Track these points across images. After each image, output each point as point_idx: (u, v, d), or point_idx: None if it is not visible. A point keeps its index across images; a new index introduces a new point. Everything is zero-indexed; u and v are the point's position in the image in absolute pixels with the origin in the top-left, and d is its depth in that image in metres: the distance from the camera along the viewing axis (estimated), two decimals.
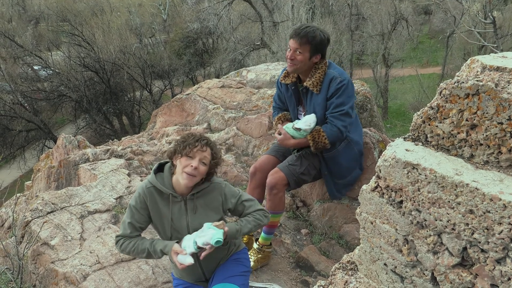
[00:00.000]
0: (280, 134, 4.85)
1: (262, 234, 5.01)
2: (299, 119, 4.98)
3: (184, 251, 3.27)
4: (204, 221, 3.41)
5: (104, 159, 7.37)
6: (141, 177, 6.62)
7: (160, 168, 3.61)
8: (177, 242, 3.39)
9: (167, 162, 3.61)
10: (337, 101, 4.60)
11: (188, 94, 9.91)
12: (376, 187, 2.33)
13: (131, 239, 3.46)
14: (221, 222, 3.38)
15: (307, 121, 4.69)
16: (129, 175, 6.58)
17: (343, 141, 4.90)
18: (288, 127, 4.80)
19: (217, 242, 3.21)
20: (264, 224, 3.69)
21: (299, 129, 4.70)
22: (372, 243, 2.44)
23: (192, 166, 3.33)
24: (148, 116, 31.84)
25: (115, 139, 11.72)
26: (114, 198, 5.89)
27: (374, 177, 2.33)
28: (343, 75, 4.64)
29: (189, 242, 3.30)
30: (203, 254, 3.31)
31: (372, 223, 2.39)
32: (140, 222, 3.48)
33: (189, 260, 3.24)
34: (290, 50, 4.66)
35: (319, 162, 5.01)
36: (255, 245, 5.02)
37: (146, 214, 3.48)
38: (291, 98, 5.04)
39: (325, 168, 5.02)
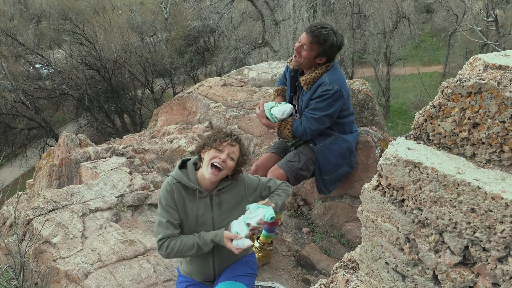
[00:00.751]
0: (260, 109, 5.06)
1: (263, 232, 5.01)
2: (292, 103, 5.11)
3: (239, 235, 3.30)
4: (229, 217, 3.50)
5: (105, 158, 7.37)
6: (142, 175, 6.62)
7: (183, 165, 3.63)
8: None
9: (189, 159, 3.66)
10: (316, 104, 4.65)
11: (189, 93, 9.91)
12: (377, 186, 2.32)
13: (176, 239, 3.42)
14: (267, 200, 3.45)
15: (281, 110, 4.90)
16: (130, 173, 6.58)
17: (331, 136, 4.93)
18: (268, 106, 4.98)
19: (272, 218, 3.29)
20: (290, 193, 3.87)
21: (272, 114, 4.91)
22: (374, 241, 2.44)
23: (220, 158, 3.38)
24: (150, 115, 31.87)
25: (116, 138, 11.72)
26: (115, 196, 5.90)
27: (375, 176, 2.33)
28: (333, 84, 4.59)
29: (241, 226, 3.34)
30: (251, 233, 3.36)
31: (373, 222, 2.39)
32: (176, 219, 3.46)
33: (248, 242, 3.28)
34: (300, 42, 4.66)
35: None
36: (256, 243, 5.03)
37: (177, 210, 3.48)
38: (289, 83, 5.10)
39: (316, 162, 5.05)
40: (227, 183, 3.54)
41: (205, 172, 3.41)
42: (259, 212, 3.31)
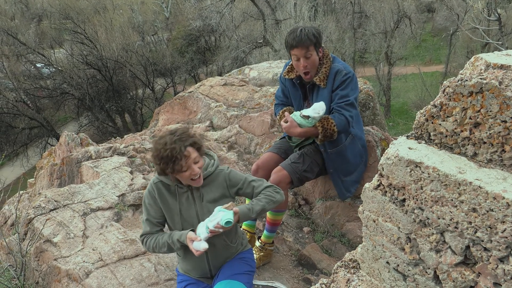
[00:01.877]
0: (286, 122, 4.69)
1: (265, 232, 5.02)
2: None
3: (199, 238, 3.31)
4: (212, 208, 3.43)
5: (106, 157, 7.38)
6: (143, 174, 6.62)
7: None
8: (192, 230, 3.43)
9: None
10: (342, 92, 4.65)
11: (190, 92, 9.91)
12: (378, 185, 2.32)
13: (152, 236, 3.53)
14: (230, 203, 3.40)
15: (316, 109, 4.59)
16: (131, 172, 6.58)
17: (348, 136, 4.94)
18: (296, 114, 4.68)
19: (227, 222, 3.25)
20: (277, 200, 3.67)
21: (307, 117, 4.59)
22: (375, 241, 2.44)
23: (193, 172, 3.34)
24: (151, 114, 31.83)
25: (117, 137, 11.72)
26: (116, 196, 5.90)
27: (376, 175, 2.33)
28: (347, 68, 4.72)
29: (202, 229, 3.34)
30: (210, 235, 3.34)
31: (374, 221, 2.39)
32: (157, 218, 3.56)
33: (204, 246, 3.29)
34: (298, 59, 4.67)
35: (321, 158, 5.02)
36: (257, 243, 5.03)
37: (159, 208, 3.54)
38: (296, 92, 5.05)
39: (331, 165, 5.02)
40: (206, 174, 3.54)
41: (192, 185, 3.49)
42: (218, 216, 3.30)
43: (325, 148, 4.94)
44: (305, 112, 4.61)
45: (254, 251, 4.94)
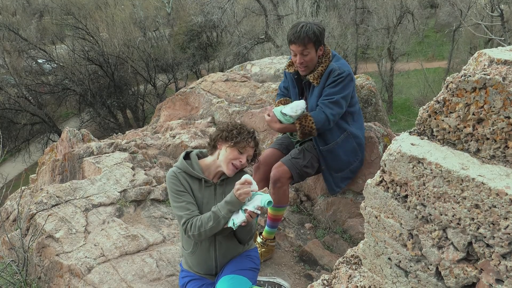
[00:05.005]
0: (269, 116, 4.86)
1: (266, 228, 5.02)
2: None
3: (249, 179, 3.37)
4: None
5: (108, 153, 7.38)
6: (145, 170, 6.62)
7: (186, 156, 3.75)
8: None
9: (192, 151, 3.78)
10: (329, 90, 4.67)
11: (192, 88, 9.90)
12: (381, 182, 2.32)
13: (196, 217, 3.47)
14: (265, 188, 3.52)
15: (293, 107, 4.68)
16: (133, 168, 6.58)
17: (343, 133, 4.94)
18: (277, 110, 4.78)
19: (269, 202, 3.28)
20: None
21: (285, 114, 4.69)
22: (377, 237, 2.44)
23: (241, 161, 3.55)
24: (152, 110, 31.84)
25: (119, 133, 11.72)
26: (118, 192, 5.90)
27: (379, 172, 2.32)
28: (343, 68, 4.69)
29: (237, 213, 3.39)
30: (246, 220, 3.34)
31: (376, 218, 2.39)
32: (191, 200, 3.55)
33: (242, 218, 3.34)
34: (295, 55, 4.69)
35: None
36: (258, 239, 5.03)
37: (188, 193, 3.57)
38: (294, 88, 5.11)
39: (323, 162, 5.05)
40: None
41: (224, 168, 3.57)
42: (256, 198, 3.33)
43: (318, 145, 4.98)
44: (284, 109, 4.71)
45: None
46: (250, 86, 8.90)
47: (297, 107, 4.66)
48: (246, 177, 3.34)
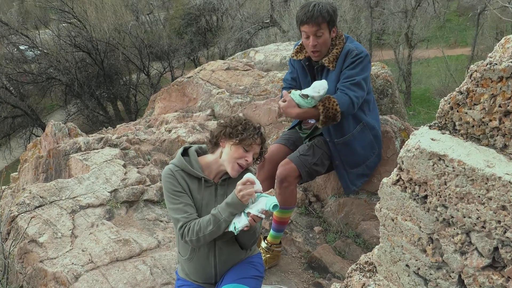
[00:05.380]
0: (285, 101, 4.67)
1: (271, 231, 5.02)
2: None
3: (251, 178, 3.32)
4: None
5: (97, 149, 7.39)
6: (138, 168, 6.64)
7: (184, 153, 3.70)
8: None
9: (190, 147, 3.75)
10: (349, 72, 4.65)
11: (189, 77, 9.92)
12: (397, 181, 2.32)
13: (194, 220, 3.42)
14: (271, 190, 3.51)
15: (316, 87, 4.54)
16: (124, 166, 6.60)
17: (358, 124, 4.94)
18: (295, 94, 4.64)
19: (275, 206, 3.23)
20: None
21: (306, 96, 4.54)
22: (393, 242, 2.44)
23: (247, 160, 3.53)
24: (146, 102, 31.76)
25: (109, 127, 11.75)
26: (108, 192, 5.91)
27: (395, 169, 2.32)
28: (360, 48, 4.71)
29: (239, 217, 3.35)
30: (248, 225, 3.30)
31: (393, 220, 2.39)
32: (190, 201, 3.51)
33: (244, 222, 3.30)
34: (307, 37, 4.67)
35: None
36: (263, 244, 5.03)
37: (186, 194, 3.53)
38: (305, 76, 5.06)
39: (337, 157, 5.03)
40: None
41: (228, 168, 3.54)
42: (261, 201, 3.29)
43: (331, 137, 4.95)
44: (305, 91, 4.57)
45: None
46: (253, 75, 8.91)
47: (320, 86, 4.53)
48: (248, 176, 3.29)
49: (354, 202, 5.61)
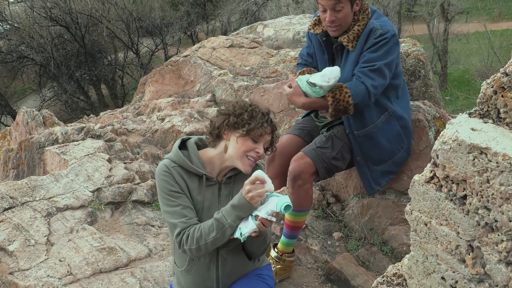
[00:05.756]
0: (291, 87, 4.64)
1: (282, 238, 5.01)
2: None
3: (260, 176, 3.22)
4: None
5: (77, 140, 7.41)
6: (125, 163, 6.64)
7: (182, 146, 3.65)
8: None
9: (189, 138, 3.71)
10: (370, 55, 4.55)
11: (186, 56, 9.93)
12: (431, 178, 2.32)
13: (194, 226, 3.34)
14: (283, 188, 3.37)
15: (325, 76, 4.48)
16: (109, 161, 6.60)
17: (384, 113, 4.87)
18: (302, 80, 4.58)
19: (287, 207, 3.13)
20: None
21: (314, 85, 4.49)
22: (426, 250, 2.44)
23: (258, 152, 3.45)
24: (135, 85, 31.75)
25: (91, 115, 11.78)
26: (90, 191, 5.93)
27: (429, 165, 2.32)
28: (386, 27, 4.57)
29: (246, 221, 3.26)
30: (256, 230, 3.21)
31: (426, 225, 2.39)
32: (188, 203, 3.44)
33: (252, 227, 3.21)
34: (324, 10, 4.60)
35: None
36: (273, 253, 5.03)
37: (184, 194, 3.46)
38: (322, 53, 5.00)
39: (358, 151, 4.96)
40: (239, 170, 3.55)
41: (239, 164, 3.47)
42: (271, 201, 3.21)
43: (351, 129, 4.88)
44: (313, 78, 4.52)
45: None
46: (261, 54, 8.91)
47: (330, 74, 4.47)
48: (257, 173, 3.20)
49: (380, 203, 5.60)
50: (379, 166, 5.09)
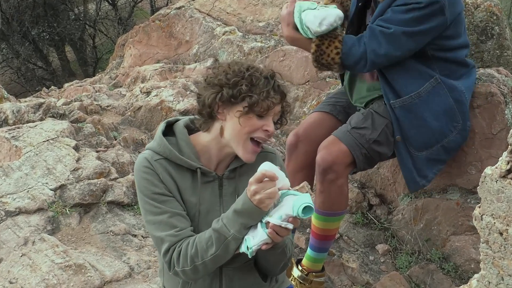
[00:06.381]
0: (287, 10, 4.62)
1: (309, 252, 4.98)
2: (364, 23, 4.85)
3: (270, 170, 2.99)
4: None
5: (33, 121, 7.42)
6: (97, 152, 6.64)
7: (168, 131, 3.49)
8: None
9: (177, 120, 3.53)
10: (394, 15, 4.49)
11: (179, 9, 9.94)
12: (509, 171, 2.31)
13: (187, 240, 3.19)
14: (303, 184, 3.22)
15: (319, 17, 4.47)
16: (77, 148, 6.60)
17: (430, 80, 4.74)
18: (302, 6, 4.57)
19: (306, 209, 2.92)
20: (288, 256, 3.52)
21: (303, 23, 4.51)
22: (502, 268, 2.44)
23: (268, 130, 3.26)
24: (111, 47, 31.77)
25: (52, 87, 11.80)
26: (51, 189, 5.93)
27: (505, 154, 2.31)
28: None
29: (255, 229, 3.07)
30: (268, 242, 3.06)
31: (501, 234, 2.39)
32: (177, 207, 3.28)
33: (261, 237, 3.01)
34: None
35: None
36: (296, 272, 5.02)
37: (172, 197, 3.29)
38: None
39: (396, 128, 4.82)
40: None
41: (239, 150, 3.28)
42: (286, 203, 3.02)
43: (387, 97, 4.78)
44: (306, 14, 4.52)
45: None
46: (280, 5, 8.89)
47: (325, 19, 4.47)
48: (265, 167, 3.01)
49: (440, 205, 5.58)
50: (424, 151, 4.92)
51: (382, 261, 5.61)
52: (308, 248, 4.98)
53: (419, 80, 4.72)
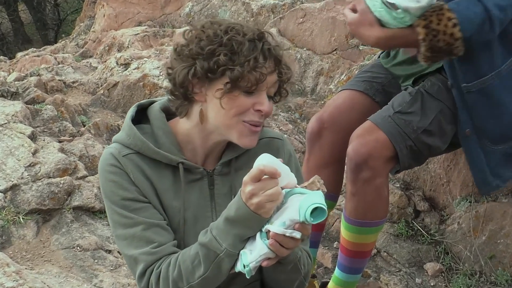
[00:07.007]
0: (356, 11, 4.49)
1: (337, 272, 4.96)
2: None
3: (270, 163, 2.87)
4: None
5: None
6: (60, 142, 6.66)
7: (139, 117, 3.44)
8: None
9: (152, 102, 3.49)
10: None
11: None
12: None
13: (168, 258, 3.12)
14: (314, 178, 3.07)
15: None
16: (33, 137, 6.61)
17: (507, 59, 4.67)
18: None
19: (317, 212, 2.82)
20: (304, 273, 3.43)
21: (394, 6, 4.25)
22: None
23: (261, 110, 3.16)
24: (78, 5, 31.85)
25: (1, 56, 11.84)
26: None
27: None
28: None
29: (254, 241, 2.98)
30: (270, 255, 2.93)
31: None
32: (158, 217, 3.21)
33: (261, 250, 2.91)
34: None
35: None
36: None
37: (146, 202, 3.22)
38: None
39: (467, 120, 4.73)
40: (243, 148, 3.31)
41: (233, 135, 3.20)
42: (292, 204, 2.91)
43: (456, 79, 4.65)
44: None
45: None
46: None
47: None
48: (262, 161, 2.88)
49: (508, 212, 5.57)
50: (501, 145, 4.86)
51: (432, 284, 5.62)
52: (336, 268, 4.95)
53: (502, 54, 4.61)
